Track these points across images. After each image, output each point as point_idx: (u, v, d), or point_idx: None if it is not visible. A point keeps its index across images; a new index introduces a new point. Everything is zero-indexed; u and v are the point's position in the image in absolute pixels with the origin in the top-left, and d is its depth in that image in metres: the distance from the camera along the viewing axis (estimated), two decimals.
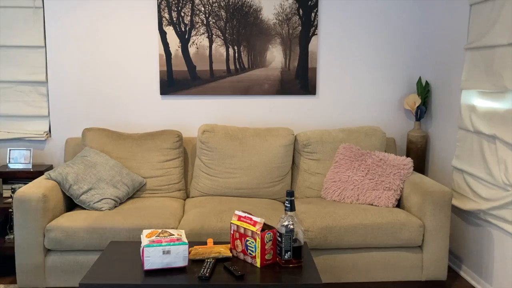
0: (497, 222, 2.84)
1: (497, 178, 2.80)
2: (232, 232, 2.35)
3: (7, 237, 3.24)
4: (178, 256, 2.18)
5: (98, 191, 3.06)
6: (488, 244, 2.97)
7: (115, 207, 3.11)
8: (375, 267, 2.94)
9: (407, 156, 3.65)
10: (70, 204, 3.13)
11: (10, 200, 3.27)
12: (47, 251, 2.87)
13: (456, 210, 3.23)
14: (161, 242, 2.18)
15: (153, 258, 2.17)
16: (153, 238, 2.21)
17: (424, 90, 3.69)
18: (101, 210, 3.01)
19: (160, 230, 2.29)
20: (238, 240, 2.31)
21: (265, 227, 2.30)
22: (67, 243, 2.80)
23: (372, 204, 3.18)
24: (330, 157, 3.45)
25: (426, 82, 3.72)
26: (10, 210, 3.16)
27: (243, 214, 2.33)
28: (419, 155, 3.67)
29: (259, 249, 2.20)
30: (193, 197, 3.38)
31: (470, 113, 3.10)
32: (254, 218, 2.27)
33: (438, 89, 3.63)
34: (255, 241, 2.22)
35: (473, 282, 3.12)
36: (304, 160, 3.48)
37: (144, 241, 2.20)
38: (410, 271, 2.97)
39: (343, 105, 3.81)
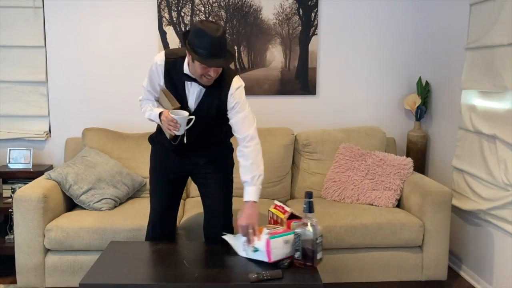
0: (497, 222, 2.84)
1: (497, 178, 2.80)
2: (269, 219, 2.51)
3: (7, 237, 3.24)
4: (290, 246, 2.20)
5: (98, 191, 3.06)
6: (488, 244, 2.97)
7: (115, 207, 3.10)
8: (375, 267, 2.94)
9: (407, 156, 3.65)
10: (70, 204, 3.13)
11: (10, 200, 3.26)
12: (47, 251, 2.87)
13: (456, 210, 3.23)
14: (280, 233, 2.20)
15: (277, 250, 2.17)
16: (267, 231, 2.21)
17: (424, 90, 3.69)
18: (101, 210, 3.01)
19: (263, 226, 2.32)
20: None
21: (293, 217, 2.36)
22: (67, 243, 2.80)
23: (372, 204, 3.18)
24: (330, 157, 3.45)
25: (426, 82, 3.72)
26: (10, 210, 3.15)
27: (279, 204, 2.50)
28: (419, 155, 3.67)
29: None
30: (193, 197, 3.38)
31: (470, 113, 3.10)
32: (286, 208, 2.42)
33: (438, 89, 3.62)
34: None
35: (473, 282, 3.12)
36: (304, 160, 3.48)
37: (263, 235, 2.19)
38: (410, 271, 2.96)
39: (343, 105, 3.80)
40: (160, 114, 2.34)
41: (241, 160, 2.39)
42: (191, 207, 3.12)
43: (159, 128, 2.56)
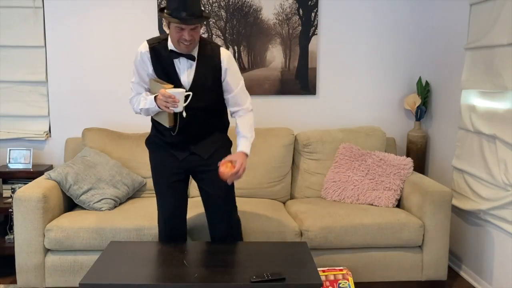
0: (497, 222, 2.84)
1: (497, 178, 2.80)
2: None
3: (7, 237, 3.24)
4: None
5: (98, 191, 3.06)
6: (488, 244, 2.97)
7: (115, 207, 3.10)
8: (375, 267, 2.94)
9: (407, 156, 3.65)
10: (70, 204, 3.13)
11: (10, 200, 3.26)
12: (47, 251, 2.86)
13: (456, 210, 3.23)
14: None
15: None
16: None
17: (424, 90, 3.69)
18: (101, 210, 3.01)
19: None
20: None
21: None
22: (67, 243, 2.80)
23: (372, 204, 3.18)
24: (330, 157, 3.45)
25: (426, 82, 3.72)
26: (10, 210, 3.16)
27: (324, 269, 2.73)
28: (419, 155, 3.67)
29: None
30: (193, 197, 3.38)
31: (470, 113, 3.10)
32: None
33: (438, 89, 3.62)
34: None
35: (473, 282, 3.12)
36: (304, 160, 3.48)
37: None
38: (410, 271, 2.96)
39: (343, 105, 3.80)
40: (155, 97, 2.31)
41: (240, 121, 2.47)
42: (191, 207, 3.11)
43: (154, 122, 2.54)
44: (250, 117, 2.49)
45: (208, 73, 2.37)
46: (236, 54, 3.68)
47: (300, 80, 3.74)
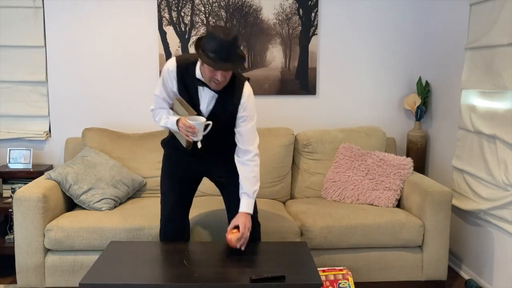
0: (497, 222, 2.84)
1: (497, 178, 2.80)
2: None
3: (7, 237, 3.24)
4: None
5: (98, 191, 3.06)
6: (488, 244, 2.97)
7: (115, 207, 3.10)
8: (375, 267, 2.94)
9: (407, 156, 3.65)
10: (70, 204, 3.13)
11: (10, 200, 3.26)
12: (47, 251, 2.86)
13: (456, 210, 3.23)
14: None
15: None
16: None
17: (424, 90, 3.69)
18: (101, 210, 3.01)
19: None
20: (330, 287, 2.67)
21: None
22: (67, 243, 2.80)
23: (372, 204, 3.18)
24: (330, 157, 3.45)
25: (426, 82, 3.72)
26: (10, 210, 3.15)
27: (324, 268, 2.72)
28: (419, 155, 3.67)
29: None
30: (196, 196, 3.37)
31: (470, 113, 3.10)
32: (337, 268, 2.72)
33: (438, 89, 3.62)
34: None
35: None
36: (304, 160, 3.48)
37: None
38: (410, 271, 2.96)
39: (343, 105, 3.80)
40: (177, 121, 2.34)
41: (243, 170, 2.44)
42: (194, 206, 3.11)
43: (172, 134, 2.57)
44: (254, 165, 2.45)
45: (227, 108, 2.39)
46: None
47: (300, 80, 3.74)
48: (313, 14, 3.67)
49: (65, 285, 2.85)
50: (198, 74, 2.35)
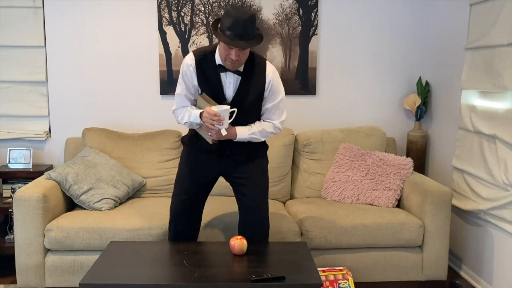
0: (497, 222, 2.84)
1: (497, 178, 2.80)
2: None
3: (7, 237, 3.24)
4: None
5: (98, 191, 3.06)
6: (488, 244, 2.97)
7: (115, 207, 3.10)
8: (375, 267, 2.94)
9: (407, 156, 3.65)
10: (70, 204, 3.13)
11: (10, 200, 3.26)
12: (47, 251, 2.86)
13: (456, 210, 3.23)
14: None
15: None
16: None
17: (424, 90, 3.69)
18: (101, 210, 3.01)
19: None
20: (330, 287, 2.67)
21: None
22: (67, 243, 2.80)
23: (372, 204, 3.18)
24: (330, 157, 3.45)
25: (426, 82, 3.72)
26: (10, 210, 3.15)
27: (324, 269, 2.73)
28: (419, 155, 3.67)
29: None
30: None
31: (470, 113, 3.10)
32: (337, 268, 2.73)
33: (438, 89, 3.62)
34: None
35: (473, 282, 3.12)
36: (304, 160, 3.48)
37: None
38: (410, 271, 2.97)
39: (343, 105, 3.80)
40: (201, 114, 2.32)
41: (260, 121, 2.48)
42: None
43: (193, 132, 2.54)
44: (270, 126, 2.48)
45: (253, 88, 2.38)
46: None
47: (300, 80, 3.74)
48: (313, 14, 3.67)
49: (65, 285, 2.85)
50: (218, 60, 2.35)
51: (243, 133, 2.42)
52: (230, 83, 2.37)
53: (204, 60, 2.37)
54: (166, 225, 2.73)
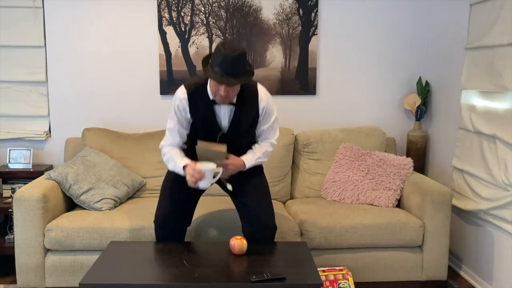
0: (497, 222, 2.84)
1: (497, 178, 2.80)
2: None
3: (7, 237, 3.24)
4: None
5: (98, 191, 3.06)
6: (488, 244, 2.97)
7: (115, 207, 3.10)
8: (375, 267, 2.94)
9: (407, 156, 3.65)
10: (70, 204, 3.13)
11: (10, 200, 3.26)
12: (47, 251, 2.86)
13: (456, 210, 3.23)
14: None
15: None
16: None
17: (424, 90, 3.69)
18: (101, 210, 3.01)
19: None
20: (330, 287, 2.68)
21: None
22: (67, 243, 2.80)
23: (372, 204, 3.18)
24: (330, 157, 3.45)
25: (426, 82, 3.72)
26: (10, 210, 3.16)
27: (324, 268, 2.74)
28: (419, 155, 3.67)
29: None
30: None
31: (470, 113, 3.10)
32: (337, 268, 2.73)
33: (438, 89, 3.62)
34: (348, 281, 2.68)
35: (473, 282, 3.12)
36: (304, 160, 3.48)
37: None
38: (410, 271, 2.97)
39: (343, 105, 3.80)
40: (184, 167, 2.30)
41: (259, 144, 2.54)
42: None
43: (190, 148, 2.51)
44: (268, 145, 2.54)
45: (247, 117, 2.42)
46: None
47: (300, 80, 3.74)
48: (313, 14, 3.68)
49: (65, 285, 2.85)
50: (210, 93, 2.37)
51: (250, 161, 2.46)
52: (225, 113, 2.40)
53: (196, 93, 2.38)
54: None
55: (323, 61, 3.75)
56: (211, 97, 2.36)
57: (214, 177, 2.29)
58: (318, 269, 2.50)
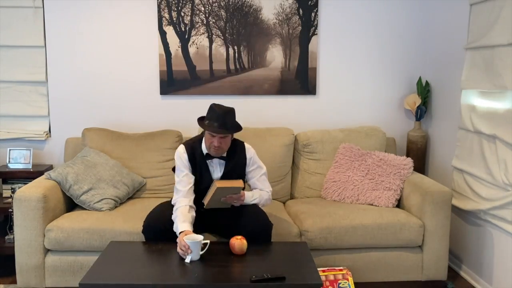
0: (497, 222, 2.84)
1: (497, 178, 2.80)
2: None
3: (7, 237, 3.24)
4: None
5: (98, 191, 3.06)
6: (488, 244, 2.97)
7: (115, 207, 3.10)
8: (375, 267, 2.94)
9: (407, 156, 3.64)
10: (70, 204, 3.12)
11: (10, 200, 3.26)
12: (47, 251, 2.86)
13: (456, 210, 3.23)
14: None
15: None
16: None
17: (424, 90, 3.69)
18: (101, 210, 3.01)
19: None
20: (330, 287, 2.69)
21: None
22: (67, 244, 2.80)
23: (372, 204, 3.18)
24: (330, 157, 3.45)
25: (426, 82, 3.72)
26: (10, 210, 3.15)
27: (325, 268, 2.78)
28: (419, 155, 3.67)
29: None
30: None
31: (470, 113, 3.10)
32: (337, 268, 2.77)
33: (438, 89, 3.62)
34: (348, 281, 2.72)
35: (473, 282, 3.12)
36: (304, 160, 3.48)
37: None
38: (410, 271, 2.97)
39: (343, 105, 3.80)
40: (180, 233, 2.43)
41: (256, 190, 2.80)
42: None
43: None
44: (266, 194, 2.79)
45: (237, 167, 2.74)
46: (236, 54, 3.68)
47: (300, 80, 3.74)
48: (313, 14, 3.67)
49: (65, 285, 2.85)
50: (204, 149, 2.69)
51: (248, 198, 2.71)
52: (217, 166, 2.71)
53: (194, 148, 2.72)
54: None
55: (323, 61, 3.75)
56: (205, 151, 2.68)
57: (202, 249, 2.34)
58: (318, 269, 2.49)
